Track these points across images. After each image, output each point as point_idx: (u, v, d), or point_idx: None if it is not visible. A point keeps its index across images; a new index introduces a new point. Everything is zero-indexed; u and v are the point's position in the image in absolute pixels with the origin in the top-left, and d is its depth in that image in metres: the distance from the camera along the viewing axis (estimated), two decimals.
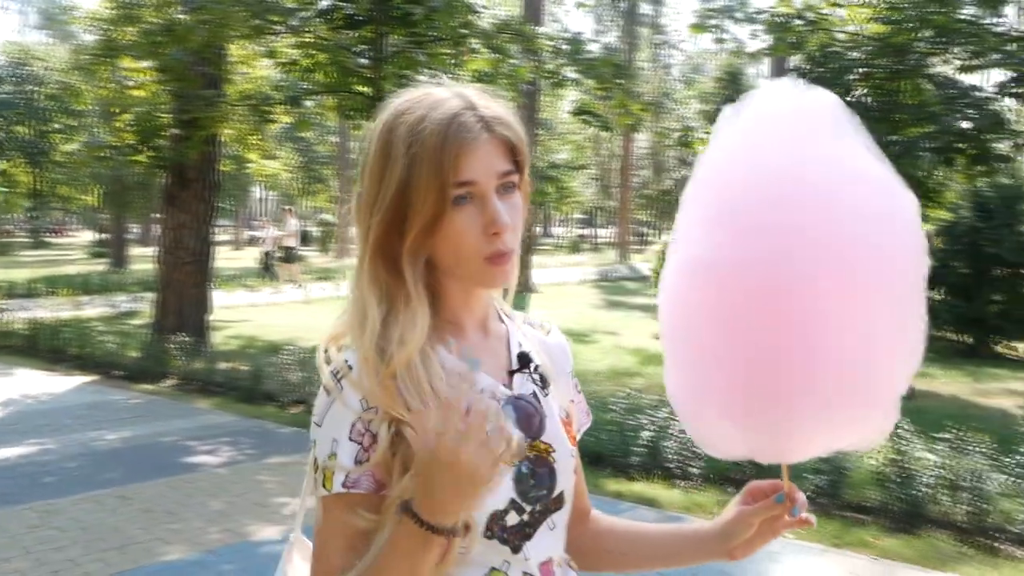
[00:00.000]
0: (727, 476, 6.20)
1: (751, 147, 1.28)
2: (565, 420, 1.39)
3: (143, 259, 26.88)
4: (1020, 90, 9.82)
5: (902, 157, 9.92)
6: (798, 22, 10.89)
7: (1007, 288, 13.48)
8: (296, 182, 49.25)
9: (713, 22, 11.71)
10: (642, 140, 41.37)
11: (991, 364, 12.51)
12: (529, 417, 1.31)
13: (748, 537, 1.38)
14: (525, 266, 21.85)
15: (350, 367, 1.21)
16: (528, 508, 1.27)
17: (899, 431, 5.87)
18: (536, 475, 1.28)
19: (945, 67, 10.71)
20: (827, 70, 10.87)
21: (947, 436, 5.74)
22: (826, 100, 1.30)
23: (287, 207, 28.18)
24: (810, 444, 1.30)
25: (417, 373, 1.20)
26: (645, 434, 6.63)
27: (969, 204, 14.24)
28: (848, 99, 11.50)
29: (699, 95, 35.65)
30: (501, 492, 1.23)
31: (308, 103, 12.50)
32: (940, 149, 9.89)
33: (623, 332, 15.14)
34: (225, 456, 7.42)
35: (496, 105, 1.26)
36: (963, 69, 10.90)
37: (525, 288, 21.63)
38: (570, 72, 10.46)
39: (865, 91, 10.81)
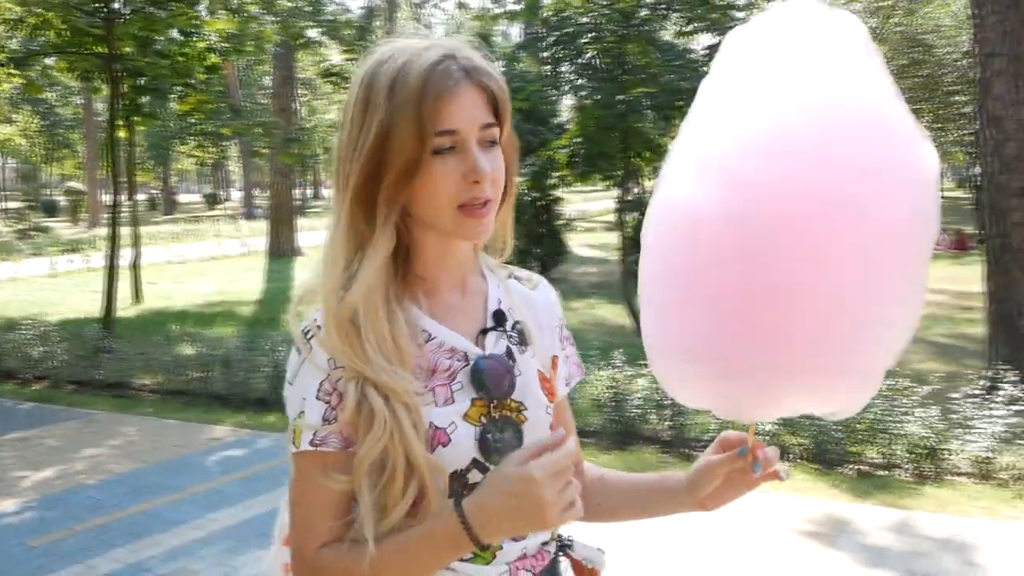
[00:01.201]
0: None
1: (753, 82, 1.18)
2: (544, 377, 1.37)
3: None
4: None
5: (628, 114, 10.85)
6: None
7: None
8: (38, 148, 45.38)
9: None
10: None
11: None
12: (498, 376, 1.28)
13: (717, 488, 1.34)
14: (291, 229, 21.79)
15: (319, 326, 1.21)
16: (491, 467, 1.23)
17: (615, 361, 6.60)
18: (501, 434, 1.26)
19: (665, 32, 11.71)
20: (562, 34, 11.55)
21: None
22: (847, 29, 1.19)
23: None
24: (774, 407, 1.24)
25: (381, 328, 1.19)
26: None
27: None
28: (580, 61, 12.42)
29: None
30: (463, 451, 1.22)
31: (42, 63, 11.72)
32: (660, 107, 10.84)
33: None
34: None
35: (477, 56, 1.24)
36: (680, 34, 11.99)
37: (291, 251, 21.37)
38: (314, 33, 10.45)
39: (596, 53, 11.56)
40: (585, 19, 11.20)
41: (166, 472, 6.05)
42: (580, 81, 11.86)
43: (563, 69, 12.15)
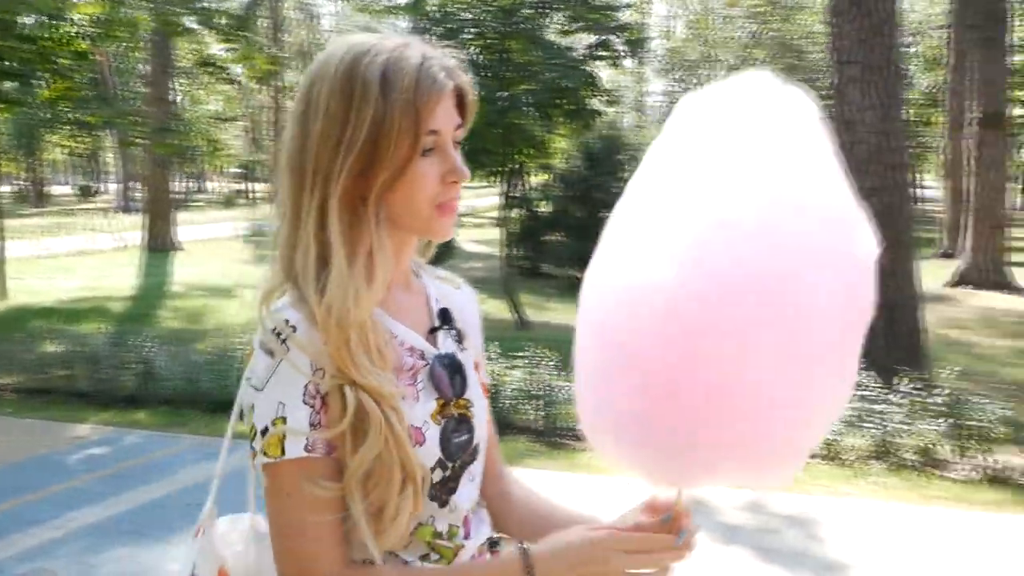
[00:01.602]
0: None
1: (703, 161, 1.17)
2: (479, 374, 1.39)
3: None
4: (603, 53, 11.21)
5: (509, 111, 11.00)
6: None
7: None
8: None
9: None
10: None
11: None
12: (454, 375, 1.30)
13: None
14: (169, 223, 21.12)
15: (293, 327, 1.15)
16: (451, 464, 1.26)
17: (490, 354, 6.70)
18: (458, 433, 1.27)
19: (547, 31, 11.90)
20: (445, 29, 11.59)
21: (526, 355, 6.66)
22: (798, 107, 1.20)
23: None
24: (703, 480, 1.23)
25: (367, 335, 1.16)
26: None
27: (581, 155, 15.93)
28: (463, 57, 12.45)
29: None
30: (432, 451, 1.23)
31: None
32: (540, 104, 11.03)
33: None
34: None
35: (447, 55, 1.24)
36: (562, 33, 12.22)
37: (168, 246, 20.72)
38: (189, 22, 10.19)
39: (478, 50, 11.67)
40: (468, 15, 11.29)
41: (24, 472, 5.83)
42: None
43: None
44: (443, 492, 1.26)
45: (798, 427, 1.16)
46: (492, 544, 1.39)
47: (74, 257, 21.40)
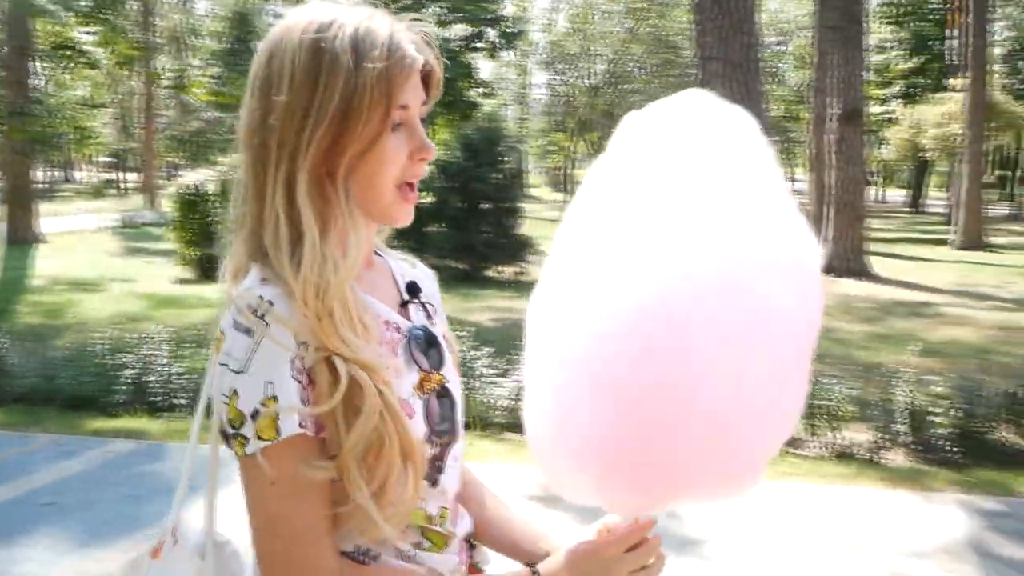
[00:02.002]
0: None
1: (650, 182, 1.17)
2: (451, 350, 1.36)
3: None
4: (478, 44, 11.26)
5: None
6: None
7: (493, 220, 15.40)
8: None
9: None
10: (167, 80, 39.07)
11: (483, 286, 14.22)
12: (430, 349, 1.27)
13: None
14: (30, 214, 20.00)
15: (270, 302, 1.09)
16: (437, 441, 1.23)
17: None
18: (442, 407, 1.25)
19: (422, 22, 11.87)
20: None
21: None
22: (740, 126, 1.21)
23: None
24: (664, 502, 1.24)
25: (350, 307, 1.12)
26: (128, 372, 6.68)
27: (460, 146, 15.93)
28: (428, 31, 12.26)
29: (211, 34, 34.35)
30: (420, 424, 1.19)
31: None
32: None
33: (140, 279, 14.60)
34: None
35: (414, 28, 1.20)
36: (440, 24, 12.21)
37: (30, 238, 19.68)
38: (47, 2, 9.69)
39: None
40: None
41: None
42: None
43: None
44: (433, 471, 1.22)
45: (763, 442, 1.18)
46: (471, 546, 1.37)
47: None
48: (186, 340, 7.38)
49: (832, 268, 15.93)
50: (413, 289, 1.33)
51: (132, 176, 53.65)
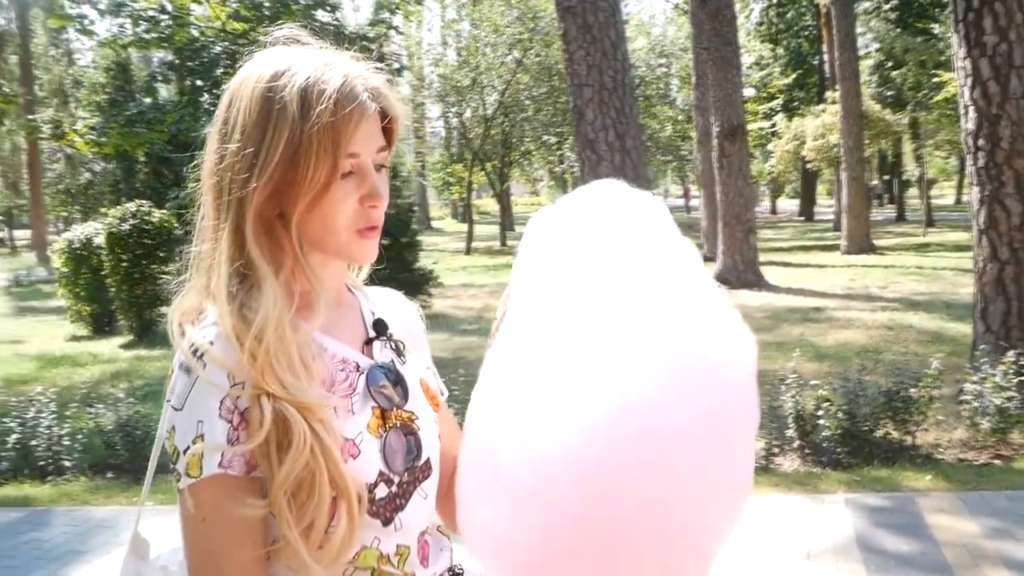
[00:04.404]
0: (102, 463, 6.42)
1: (568, 284, 1.17)
2: (426, 385, 1.37)
3: None
4: None
5: None
6: (164, 17, 11.08)
7: (393, 255, 15.36)
8: None
9: (76, 11, 11.35)
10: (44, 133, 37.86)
11: None
12: (393, 385, 1.27)
13: None
14: None
15: (211, 342, 1.11)
16: (396, 479, 1.22)
17: None
18: (403, 444, 1.24)
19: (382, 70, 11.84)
20: (198, 63, 11.25)
21: None
22: (653, 214, 1.22)
23: None
24: None
25: (289, 346, 1.12)
26: (13, 437, 6.44)
27: None
28: (217, 91, 12.17)
29: (90, 85, 33.52)
30: (370, 463, 1.19)
31: None
32: None
33: (30, 339, 14.00)
34: None
35: (377, 76, 1.21)
36: None
37: None
38: None
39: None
40: (218, 48, 11.01)
41: None
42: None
43: (203, 98, 11.84)
44: (388, 509, 1.21)
45: (709, 548, 1.20)
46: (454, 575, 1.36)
47: None
48: (73, 400, 7.12)
49: (726, 281, 16.36)
50: (380, 326, 1.33)
51: (21, 233, 51.62)
